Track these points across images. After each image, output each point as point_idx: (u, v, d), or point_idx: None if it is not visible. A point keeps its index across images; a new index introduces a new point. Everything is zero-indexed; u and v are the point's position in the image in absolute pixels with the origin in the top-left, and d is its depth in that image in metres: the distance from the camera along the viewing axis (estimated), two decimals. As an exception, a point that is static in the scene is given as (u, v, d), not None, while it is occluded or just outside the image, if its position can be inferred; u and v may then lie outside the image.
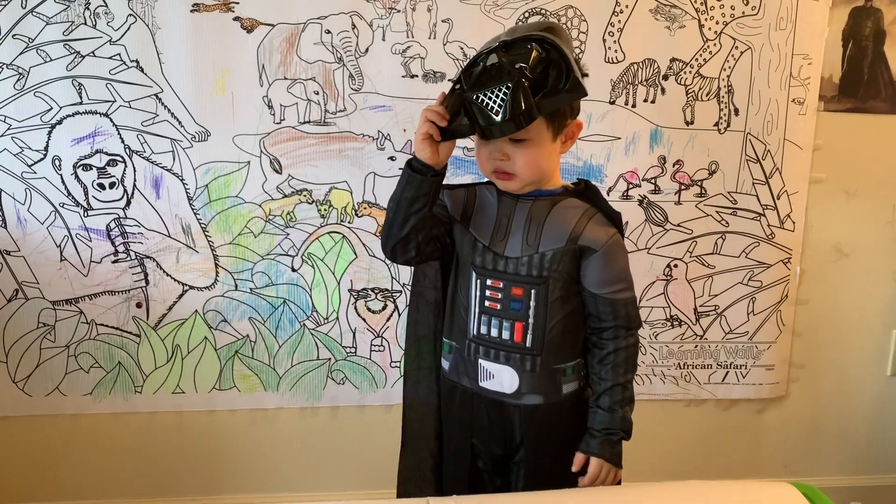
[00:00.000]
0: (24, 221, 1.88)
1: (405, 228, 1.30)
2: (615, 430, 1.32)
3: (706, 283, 2.09)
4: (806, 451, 2.25)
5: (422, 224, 1.31)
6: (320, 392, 2.05)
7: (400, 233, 1.31)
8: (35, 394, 1.97)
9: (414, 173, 1.27)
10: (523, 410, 1.37)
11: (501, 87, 1.17)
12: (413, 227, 1.30)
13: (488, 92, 1.18)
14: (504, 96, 1.17)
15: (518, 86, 1.17)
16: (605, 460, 1.32)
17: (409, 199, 1.28)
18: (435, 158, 1.26)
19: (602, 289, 1.33)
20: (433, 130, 1.24)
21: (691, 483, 1.20)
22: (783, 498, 1.17)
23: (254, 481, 2.11)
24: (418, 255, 1.35)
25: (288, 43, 1.86)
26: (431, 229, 1.35)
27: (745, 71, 1.97)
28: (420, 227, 1.31)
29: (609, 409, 1.33)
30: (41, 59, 1.80)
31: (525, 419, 1.37)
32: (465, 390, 1.41)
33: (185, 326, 1.98)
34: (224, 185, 1.92)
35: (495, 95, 1.18)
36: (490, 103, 1.18)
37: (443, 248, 1.40)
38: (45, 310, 1.93)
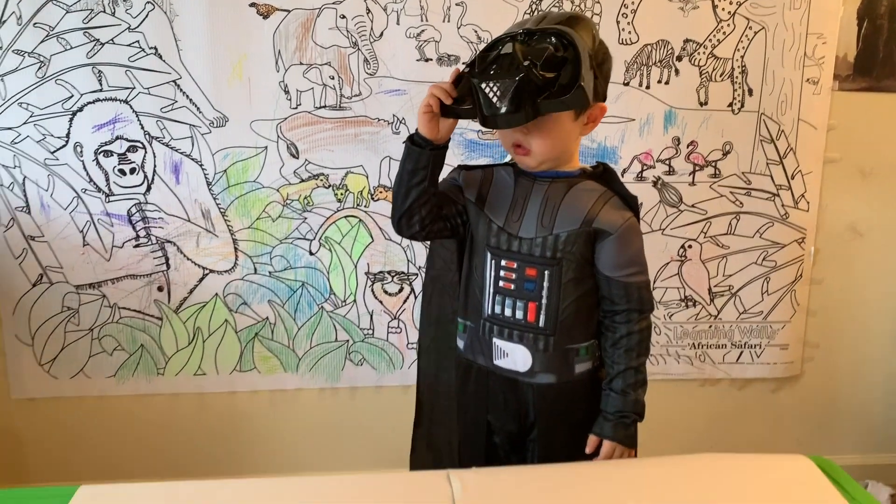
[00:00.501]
0: (48, 207, 1.92)
1: (407, 201, 1.32)
2: (628, 413, 1.34)
3: (720, 264, 2.10)
4: (820, 430, 2.26)
5: (424, 199, 1.32)
6: (339, 373, 2.09)
7: (403, 205, 1.33)
8: (60, 376, 2.02)
9: (413, 146, 1.29)
10: (536, 389, 1.38)
11: (507, 81, 1.17)
12: (415, 201, 1.31)
13: (494, 82, 1.18)
14: (507, 90, 1.17)
15: (523, 84, 1.16)
16: (618, 443, 1.33)
17: (410, 172, 1.30)
18: (434, 133, 1.27)
19: (616, 272, 1.34)
20: (434, 103, 1.25)
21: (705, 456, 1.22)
22: (798, 470, 1.18)
23: (274, 461, 2.15)
24: (423, 229, 1.36)
25: (303, 28, 1.88)
26: (441, 208, 1.36)
27: (759, 51, 1.97)
28: (423, 202, 1.32)
29: (622, 392, 1.34)
30: (62, 46, 1.83)
31: (538, 397, 1.39)
32: (481, 368, 1.43)
33: (206, 309, 2.02)
34: (242, 170, 1.95)
35: (499, 87, 1.18)
36: (493, 94, 1.18)
37: (453, 227, 1.41)
38: (69, 294, 1.97)
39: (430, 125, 1.27)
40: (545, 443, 1.42)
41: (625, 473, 1.19)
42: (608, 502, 1.10)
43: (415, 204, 1.32)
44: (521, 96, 1.17)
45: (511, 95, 1.17)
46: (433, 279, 1.56)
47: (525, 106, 1.18)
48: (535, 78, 1.17)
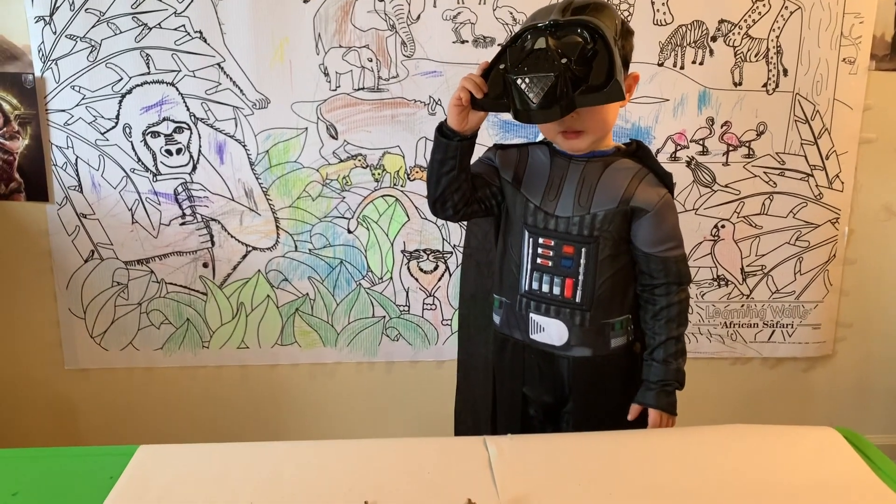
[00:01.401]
0: (99, 186, 2.00)
1: (439, 188, 1.35)
2: (670, 381, 1.38)
3: (753, 244, 2.11)
4: (852, 410, 2.27)
5: (456, 185, 1.35)
6: (376, 348, 2.15)
7: (435, 192, 1.37)
8: (111, 348, 2.11)
9: (441, 137, 1.32)
10: (572, 362, 1.42)
11: (543, 77, 1.19)
12: (447, 188, 1.35)
13: (529, 78, 1.20)
14: (544, 87, 1.19)
15: (559, 80, 1.18)
16: (661, 410, 1.38)
17: (439, 162, 1.34)
18: (462, 125, 1.30)
19: (654, 248, 1.37)
20: (465, 96, 1.27)
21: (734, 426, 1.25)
22: (825, 441, 1.21)
23: (313, 432, 2.22)
24: (456, 213, 1.40)
25: (343, 12, 1.92)
26: (476, 191, 1.40)
27: (795, 31, 1.97)
28: (455, 189, 1.35)
29: (664, 361, 1.38)
30: (111, 31, 1.90)
31: (574, 370, 1.43)
32: (517, 342, 1.47)
33: (249, 285, 2.09)
34: (283, 151, 2.00)
35: (535, 84, 1.19)
36: (529, 89, 1.20)
37: (487, 208, 1.44)
38: (119, 269, 2.06)
39: (460, 117, 1.29)
40: (580, 414, 1.46)
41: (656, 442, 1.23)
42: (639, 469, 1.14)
43: (447, 191, 1.35)
44: (557, 92, 1.19)
45: (548, 91, 1.19)
46: (468, 257, 1.61)
47: (561, 100, 1.19)
48: (571, 73, 1.19)
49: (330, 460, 1.15)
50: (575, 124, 1.32)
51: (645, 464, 1.15)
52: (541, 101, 1.19)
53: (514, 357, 1.48)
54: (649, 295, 1.40)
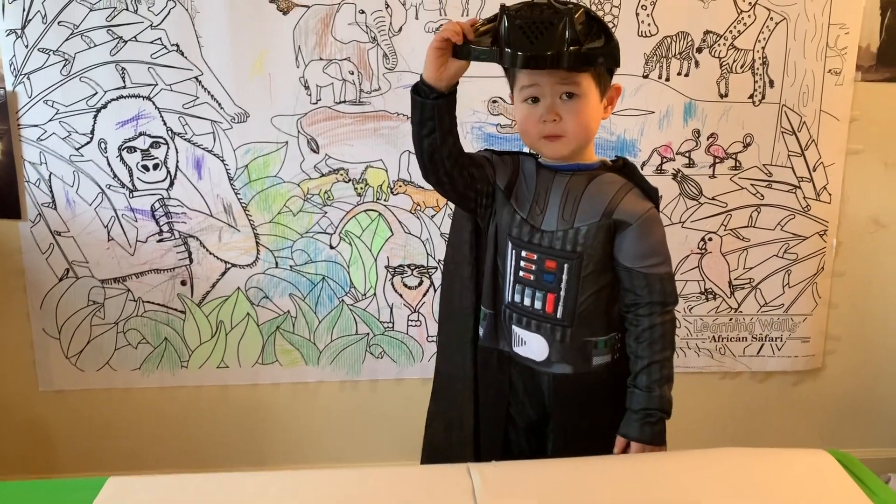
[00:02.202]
0: (73, 203, 1.95)
1: (424, 154, 1.29)
2: (653, 410, 1.32)
3: (741, 256, 2.09)
4: (842, 424, 2.25)
5: (444, 150, 1.28)
6: (359, 366, 2.11)
7: (421, 157, 1.30)
8: (87, 369, 2.06)
9: (417, 96, 1.25)
10: (553, 378, 1.39)
11: (545, 20, 1.14)
12: (432, 154, 1.28)
13: (530, 21, 1.14)
14: (544, 30, 1.14)
15: (560, 25, 1.13)
16: (645, 444, 1.32)
17: (417, 123, 1.27)
18: (440, 74, 1.22)
19: (636, 262, 1.32)
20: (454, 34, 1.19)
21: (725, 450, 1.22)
22: (818, 464, 1.18)
23: (296, 453, 2.17)
24: (450, 182, 1.32)
25: (323, 24, 1.89)
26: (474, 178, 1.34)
27: (781, 42, 1.95)
28: (444, 155, 1.28)
29: (646, 388, 1.32)
30: (86, 44, 1.86)
31: (555, 387, 1.39)
32: (502, 354, 1.43)
33: (229, 303, 2.04)
34: (263, 165, 1.96)
35: (536, 26, 1.14)
36: (528, 31, 1.14)
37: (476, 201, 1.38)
38: (95, 288, 2.01)
39: (437, 62, 1.21)
40: (561, 433, 1.43)
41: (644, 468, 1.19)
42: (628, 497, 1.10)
43: (434, 156, 1.29)
44: (557, 38, 1.14)
45: (549, 34, 1.14)
46: (451, 272, 1.57)
47: (560, 49, 1.14)
48: (571, 24, 1.14)
49: (309, 491, 1.11)
50: (556, 128, 1.28)
51: (634, 491, 1.12)
52: (537, 44, 1.14)
53: (501, 370, 1.45)
54: (633, 316, 1.35)
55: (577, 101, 1.27)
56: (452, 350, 1.57)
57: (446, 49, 1.21)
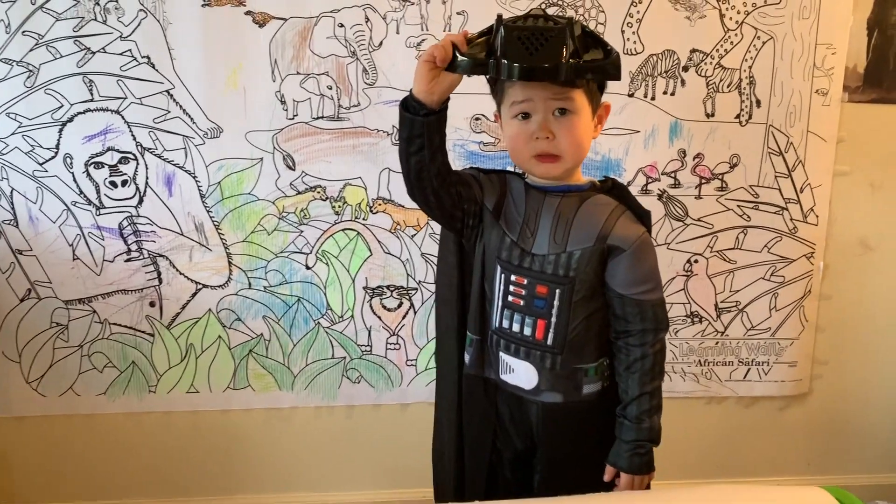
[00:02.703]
0: (36, 220, 1.87)
1: (411, 172, 1.24)
2: (643, 442, 1.30)
3: (727, 279, 2.05)
4: (830, 449, 2.21)
5: (432, 168, 1.23)
6: (335, 391, 2.03)
7: (408, 175, 1.25)
8: (49, 394, 1.96)
9: (406, 112, 1.20)
10: (541, 407, 1.34)
11: (545, 33, 1.10)
12: (419, 172, 1.23)
13: (530, 33, 1.10)
14: (544, 41, 1.10)
15: (561, 37, 1.10)
16: (633, 474, 1.30)
17: (405, 140, 1.22)
18: (431, 90, 1.17)
19: (630, 289, 1.29)
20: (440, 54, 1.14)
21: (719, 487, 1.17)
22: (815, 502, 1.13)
23: (269, 481, 2.09)
24: (437, 201, 1.28)
25: (300, 37, 1.83)
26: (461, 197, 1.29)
27: (768, 61, 1.93)
28: (432, 174, 1.23)
29: (636, 419, 1.29)
30: (51, 55, 1.78)
31: (543, 416, 1.35)
32: (488, 381, 1.39)
33: (199, 325, 1.96)
34: (237, 183, 1.89)
35: (535, 37, 1.10)
36: (527, 42, 1.10)
37: (462, 222, 1.33)
38: (58, 309, 1.92)
39: (428, 76, 1.16)
40: (550, 464, 1.38)
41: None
42: (618, 538, 1.04)
43: (421, 174, 1.24)
44: (557, 50, 1.10)
45: (549, 45, 1.10)
46: (437, 294, 1.52)
47: (560, 61, 1.11)
48: (571, 36, 1.11)
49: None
50: (552, 147, 1.24)
51: (625, 532, 1.05)
52: (536, 56, 1.10)
53: (487, 398, 1.39)
54: (623, 343, 1.32)
55: (571, 118, 1.23)
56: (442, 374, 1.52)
57: (440, 63, 1.16)
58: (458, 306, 1.43)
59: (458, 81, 1.19)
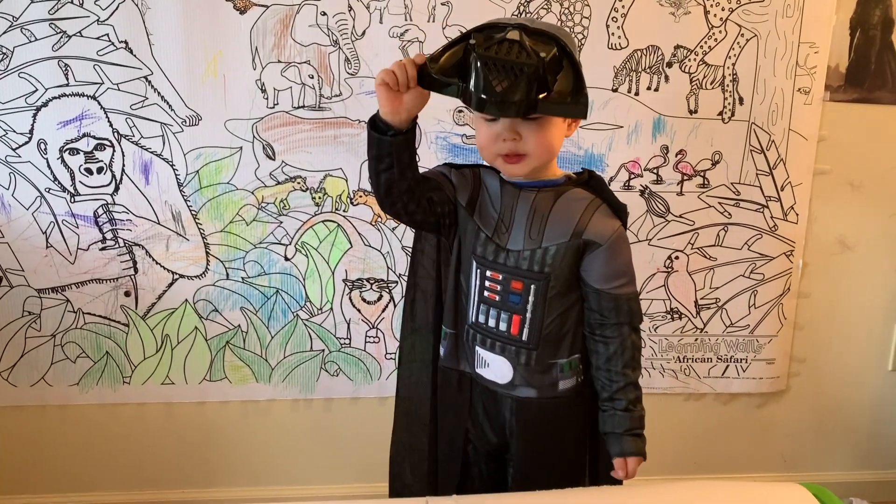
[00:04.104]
0: (9, 207, 1.83)
1: (381, 188, 1.23)
2: (636, 428, 1.30)
3: (707, 276, 2.05)
4: (806, 446, 2.22)
5: (402, 185, 1.22)
6: (314, 384, 2.01)
7: (378, 190, 1.24)
8: (20, 384, 1.93)
9: (374, 132, 1.19)
10: (516, 402, 1.34)
11: (516, 66, 1.10)
12: (389, 188, 1.22)
13: (502, 63, 1.10)
14: (513, 77, 1.10)
15: (533, 75, 1.10)
16: (641, 456, 1.30)
17: (374, 158, 1.21)
18: (397, 113, 1.16)
19: (605, 284, 1.29)
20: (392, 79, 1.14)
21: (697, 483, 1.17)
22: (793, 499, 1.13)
23: (246, 474, 2.07)
24: (408, 215, 1.28)
25: (282, 25, 1.80)
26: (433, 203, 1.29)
27: (751, 59, 1.93)
28: (402, 189, 1.23)
29: (626, 409, 1.30)
30: (26, 38, 1.75)
31: (518, 411, 1.35)
32: (463, 375, 1.39)
33: (175, 316, 1.93)
34: (215, 172, 1.86)
35: (506, 70, 1.10)
36: (496, 75, 1.10)
37: (439, 224, 1.33)
38: (31, 298, 1.88)
39: (389, 100, 1.15)
40: (523, 459, 1.39)
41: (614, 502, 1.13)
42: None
43: (392, 190, 1.23)
44: (525, 87, 1.10)
45: (516, 82, 1.10)
46: (413, 286, 1.51)
47: (525, 100, 1.11)
48: (543, 72, 1.11)
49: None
50: (518, 147, 1.23)
51: (603, 528, 1.05)
52: (504, 90, 1.10)
53: (461, 391, 1.40)
54: (600, 336, 1.32)
55: (540, 122, 1.23)
56: (412, 370, 1.51)
57: (392, 85, 1.14)
58: (436, 300, 1.42)
59: (426, 100, 1.18)
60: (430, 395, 1.46)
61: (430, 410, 1.47)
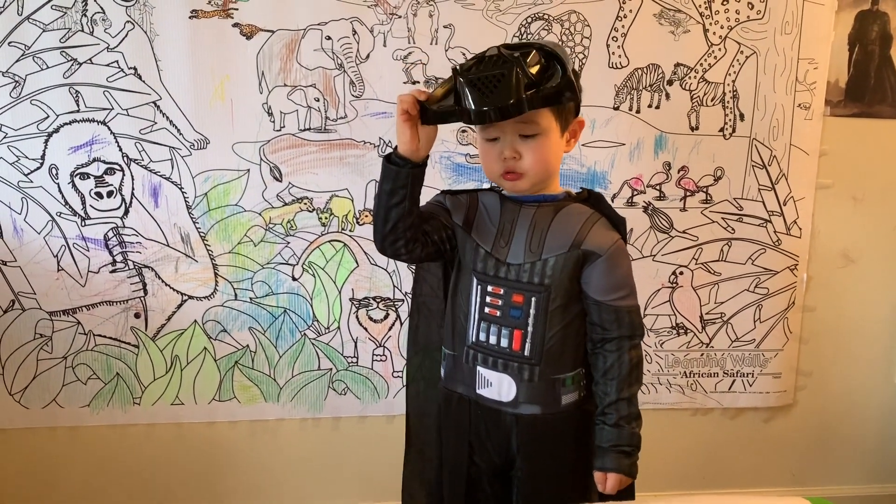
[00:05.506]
0: (21, 231, 1.86)
1: (388, 224, 1.28)
2: (624, 445, 1.29)
3: (712, 291, 2.06)
4: (814, 461, 2.22)
5: (408, 221, 1.28)
6: (321, 403, 2.02)
7: (384, 227, 1.29)
8: (32, 406, 1.94)
9: (390, 165, 1.25)
10: (520, 420, 1.34)
11: (496, 73, 1.17)
12: (396, 223, 1.27)
13: (482, 76, 1.17)
14: (497, 81, 1.16)
15: (512, 74, 1.16)
16: (623, 474, 1.29)
17: (388, 193, 1.26)
18: (414, 145, 1.23)
19: (605, 296, 1.30)
20: (411, 105, 1.22)
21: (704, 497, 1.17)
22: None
23: (255, 494, 2.07)
24: (407, 252, 1.32)
25: (288, 49, 1.84)
26: (427, 232, 1.33)
27: (751, 76, 1.95)
28: (407, 226, 1.28)
29: (615, 425, 1.29)
30: (38, 66, 1.78)
31: (522, 429, 1.35)
32: (462, 398, 1.39)
33: (185, 337, 1.95)
34: (223, 194, 1.89)
35: (488, 80, 1.17)
36: (482, 87, 1.17)
37: (439, 252, 1.37)
38: (42, 320, 1.91)
39: (410, 134, 1.23)
40: (529, 477, 1.38)
41: (619, 517, 1.14)
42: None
43: (397, 226, 1.28)
44: (512, 87, 1.16)
45: (500, 88, 1.16)
46: (420, 306, 1.53)
47: (517, 97, 1.16)
48: (523, 70, 1.17)
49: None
50: (516, 165, 1.27)
51: (609, 544, 1.05)
52: (492, 97, 1.16)
53: (460, 414, 1.40)
54: (600, 350, 1.33)
55: (537, 140, 1.27)
56: (419, 389, 1.52)
57: (413, 118, 1.22)
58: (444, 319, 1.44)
59: (434, 137, 1.26)
60: (437, 414, 1.47)
61: (437, 430, 1.48)
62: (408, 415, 1.55)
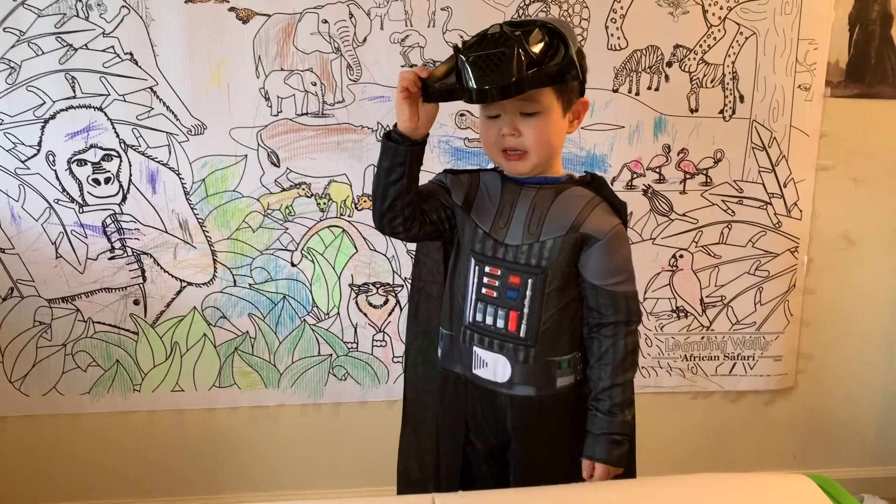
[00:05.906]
0: (18, 218, 1.85)
1: (386, 201, 1.28)
2: (616, 434, 1.29)
3: (712, 274, 2.06)
4: (815, 443, 2.22)
5: (406, 199, 1.27)
6: (322, 388, 2.02)
7: (382, 205, 1.29)
8: (32, 393, 1.95)
9: (389, 142, 1.25)
10: (515, 401, 1.34)
11: (497, 52, 1.16)
12: (394, 200, 1.27)
13: (483, 55, 1.17)
14: (499, 60, 1.16)
15: (514, 53, 1.15)
16: (612, 465, 1.29)
17: (386, 170, 1.26)
18: (413, 122, 1.23)
19: (603, 280, 1.30)
20: (412, 82, 1.21)
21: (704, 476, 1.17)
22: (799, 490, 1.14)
23: (255, 480, 2.08)
24: (406, 231, 1.32)
25: (284, 33, 1.83)
26: (425, 211, 1.33)
27: (751, 57, 1.94)
28: (405, 203, 1.28)
29: (608, 412, 1.29)
30: (33, 52, 1.77)
31: (517, 410, 1.35)
32: (458, 377, 1.39)
33: (184, 323, 1.95)
34: (221, 180, 1.89)
35: (490, 58, 1.16)
36: (483, 66, 1.16)
37: (439, 232, 1.37)
38: (41, 308, 1.91)
39: (410, 112, 1.22)
40: (523, 458, 1.39)
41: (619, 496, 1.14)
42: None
43: (395, 203, 1.27)
44: (513, 66, 1.15)
45: (501, 66, 1.15)
46: (419, 290, 1.53)
47: (518, 76, 1.16)
48: (525, 49, 1.16)
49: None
50: (517, 143, 1.27)
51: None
52: (493, 76, 1.16)
53: (456, 394, 1.41)
54: (596, 335, 1.32)
55: (538, 118, 1.26)
56: (418, 373, 1.52)
57: (413, 96, 1.22)
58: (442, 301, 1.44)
59: (435, 116, 1.25)
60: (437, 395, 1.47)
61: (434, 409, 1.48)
62: (406, 393, 1.55)
